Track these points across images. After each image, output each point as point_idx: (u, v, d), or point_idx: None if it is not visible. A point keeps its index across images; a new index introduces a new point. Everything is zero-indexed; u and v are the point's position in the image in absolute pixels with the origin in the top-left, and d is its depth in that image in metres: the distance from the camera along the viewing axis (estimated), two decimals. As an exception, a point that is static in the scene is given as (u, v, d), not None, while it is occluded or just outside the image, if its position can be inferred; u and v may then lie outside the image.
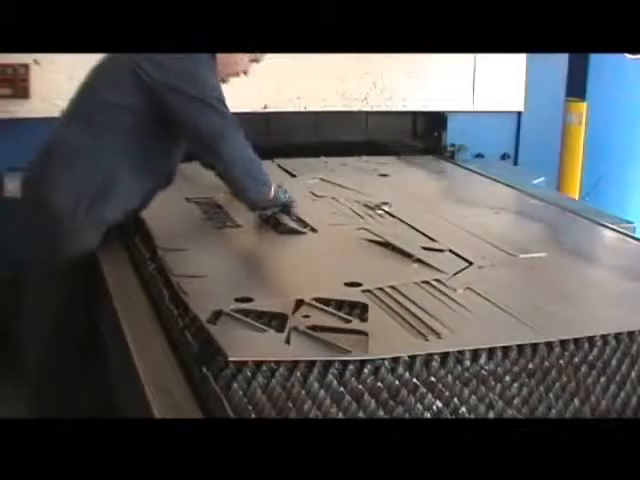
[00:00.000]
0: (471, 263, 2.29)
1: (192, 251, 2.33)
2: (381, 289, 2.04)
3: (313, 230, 2.59)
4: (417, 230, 2.60)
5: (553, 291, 2.15)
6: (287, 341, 1.73)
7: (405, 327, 1.84)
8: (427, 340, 1.77)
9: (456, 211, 2.91)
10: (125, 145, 2.43)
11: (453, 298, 2.02)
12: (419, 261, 2.28)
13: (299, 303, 1.92)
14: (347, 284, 2.07)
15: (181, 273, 2.10)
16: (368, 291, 2.03)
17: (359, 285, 2.06)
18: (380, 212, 2.82)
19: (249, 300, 1.93)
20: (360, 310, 1.92)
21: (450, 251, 2.38)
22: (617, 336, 1.83)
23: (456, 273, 2.20)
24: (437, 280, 2.13)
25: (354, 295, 2.00)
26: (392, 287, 2.06)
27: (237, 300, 1.92)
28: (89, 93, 2.51)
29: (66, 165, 2.46)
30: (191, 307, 1.87)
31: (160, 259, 2.23)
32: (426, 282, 2.12)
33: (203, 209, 2.79)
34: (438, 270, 2.21)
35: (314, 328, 1.78)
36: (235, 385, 1.53)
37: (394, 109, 3.85)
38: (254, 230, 2.60)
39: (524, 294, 2.18)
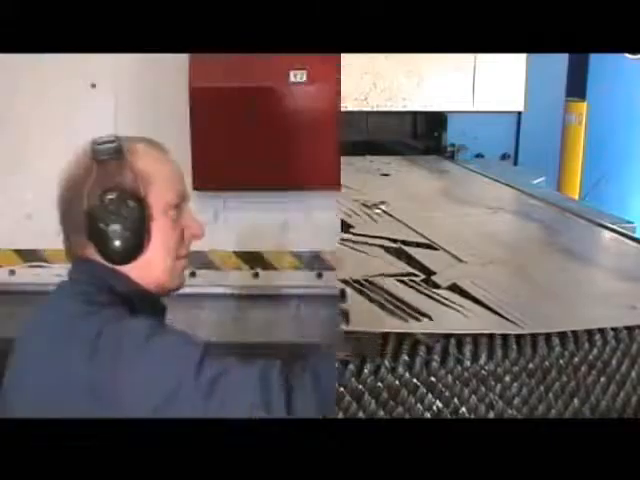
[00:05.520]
0: (460, 260, 2.27)
1: None
2: (358, 281, 1.96)
3: None
4: (410, 227, 2.58)
5: (542, 290, 2.12)
6: None
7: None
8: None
9: (454, 210, 2.90)
10: None
11: (437, 294, 1.96)
12: (407, 256, 2.26)
13: None
14: None
15: None
16: (346, 281, 1.95)
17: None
18: (377, 211, 2.82)
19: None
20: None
21: (441, 249, 2.36)
22: (617, 335, 1.82)
23: (443, 270, 2.14)
24: (423, 274, 2.08)
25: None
26: (370, 281, 1.97)
27: None
28: None
29: None
30: None
31: None
32: (412, 275, 2.06)
33: None
34: (425, 266, 2.17)
35: None
36: (235, 385, 1.52)
37: (394, 109, 3.85)
38: None
39: (511, 293, 2.13)
